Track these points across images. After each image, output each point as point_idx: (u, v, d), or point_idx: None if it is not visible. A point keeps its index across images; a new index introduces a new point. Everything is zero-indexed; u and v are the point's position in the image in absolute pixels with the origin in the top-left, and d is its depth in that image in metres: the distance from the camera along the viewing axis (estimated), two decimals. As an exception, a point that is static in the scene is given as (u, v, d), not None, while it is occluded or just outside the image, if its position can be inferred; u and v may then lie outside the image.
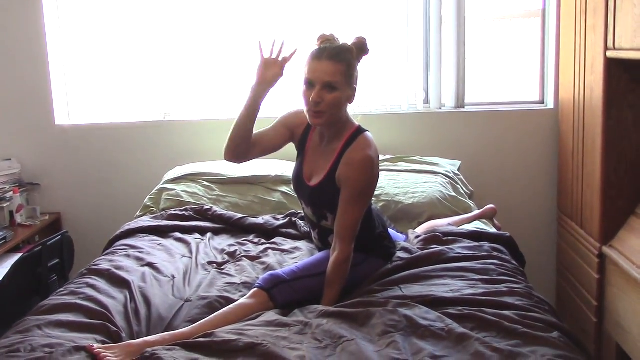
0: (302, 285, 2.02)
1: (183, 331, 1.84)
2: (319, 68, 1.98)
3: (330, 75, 1.97)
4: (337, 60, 1.98)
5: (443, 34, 3.44)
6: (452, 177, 3.10)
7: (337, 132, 2.10)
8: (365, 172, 2.02)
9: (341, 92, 2.00)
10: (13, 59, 3.49)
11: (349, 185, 2.02)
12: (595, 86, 2.81)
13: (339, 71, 1.98)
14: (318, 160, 2.16)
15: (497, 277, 2.02)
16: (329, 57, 1.97)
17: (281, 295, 1.96)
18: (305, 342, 1.65)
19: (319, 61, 1.98)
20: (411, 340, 1.63)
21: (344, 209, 2.03)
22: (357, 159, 2.03)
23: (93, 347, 1.67)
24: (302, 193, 2.24)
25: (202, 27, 3.50)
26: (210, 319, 1.88)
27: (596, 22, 2.75)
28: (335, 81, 1.98)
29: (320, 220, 2.19)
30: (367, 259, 2.15)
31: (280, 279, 2.00)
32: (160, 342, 1.76)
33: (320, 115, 2.02)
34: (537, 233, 3.55)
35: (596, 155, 2.82)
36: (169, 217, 2.81)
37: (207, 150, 3.48)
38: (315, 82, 1.99)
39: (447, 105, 3.54)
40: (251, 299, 1.95)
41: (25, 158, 3.56)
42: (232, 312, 1.90)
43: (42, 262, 2.77)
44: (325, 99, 1.98)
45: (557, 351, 1.55)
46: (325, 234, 2.20)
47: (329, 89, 1.98)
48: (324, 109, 2.00)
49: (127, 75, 3.57)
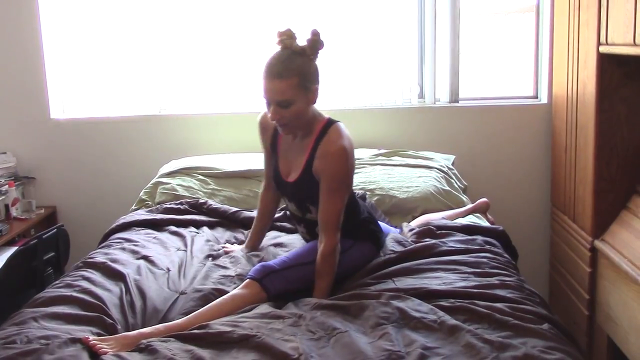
0: (293, 274, 2.05)
1: (178, 322, 1.86)
2: (270, 88, 1.97)
3: (281, 94, 1.97)
4: (286, 77, 1.96)
5: (437, 29, 3.45)
6: (446, 172, 3.12)
7: (308, 129, 2.11)
8: (341, 163, 2.03)
9: (297, 104, 2.00)
10: (8, 53, 3.48)
11: (326, 177, 2.04)
12: (588, 81, 2.83)
13: (289, 87, 1.97)
14: (292, 156, 2.17)
15: (490, 270, 2.03)
16: (277, 75, 1.96)
17: (272, 284, 1.98)
18: (299, 334, 1.67)
19: (269, 80, 1.98)
20: (404, 331, 1.65)
21: (325, 200, 2.05)
22: (331, 151, 2.04)
23: (88, 339, 1.69)
24: (283, 190, 2.27)
25: (197, 22, 3.50)
26: (204, 311, 1.90)
27: (589, 17, 2.77)
28: (287, 98, 1.97)
29: (305, 213, 2.21)
30: (354, 244, 2.18)
31: (271, 268, 2.02)
32: (155, 334, 1.78)
33: (286, 128, 2.06)
34: (530, 227, 3.57)
35: (589, 150, 2.85)
36: (164, 210, 2.82)
37: (203, 144, 3.49)
38: (269, 101, 2.00)
39: (441, 99, 3.55)
40: (244, 289, 1.97)
41: (20, 152, 3.56)
42: (225, 303, 1.92)
43: (37, 256, 2.78)
44: (283, 114, 2.00)
45: (548, 342, 1.57)
46: (312, 226, 2.21)
47: (284, 106, 1.99)
48: (286, 122, 2.03)
49: (122, 69, 3.57)
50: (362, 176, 3.03)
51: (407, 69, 3.53)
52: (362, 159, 3.21)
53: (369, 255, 2.22)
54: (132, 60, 3.55)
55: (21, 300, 2.69)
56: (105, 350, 1.67)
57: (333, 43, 3.48)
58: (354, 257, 2.17)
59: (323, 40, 2.03)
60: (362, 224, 2.24)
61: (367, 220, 2.27)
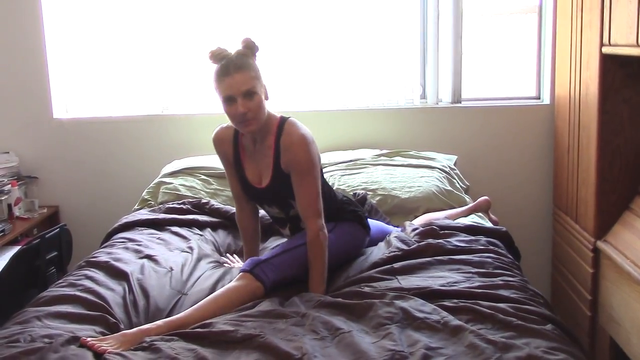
0: (282, 260, 2.09)
1: (178, 317, 1.86)
2: (233, 82, 2.04)
3: (246, 84, 2.05)
4: (244, 69, 2.06)
5: (440, 29, 3.45)
6: (448, 172, 3.12)
7: (266, 129, 2.17)
8: (304, 149, 2.11)
9: (259, 94, 2.09)
10: (11, 52, 3.49)
11: (295, 166, 2.11)
12: (590, 82, 2.83)
13: (250, 77, 2.06)
14: (258, 161, 2.22)
15: (493, 270, 2.04)
16: (236, 68, 2.05)
17: (264, 272, 2.02)
18: (303, 334, 1.67)
19: (230, 76, 2.05)
20: (407, 332, 1.65)
21: (300, 189, 2.12)
22: (293, 141, 2.12)
23: (86, 340, 1.68)
24: (258, 197, 2.30)
25: (200, 21, 3.50)
26: (202, 304, 1.91)
27: (592, 18, 2.77)
28: (251, 87, 2.05)
29: (288, 211, 2.26)
30: (336, 225, 2.24)
31: (259, 260, 2.08)
32: (154, 330, 1.79)
33: (251, 122, 2.10)
34: (533, 227, 3.57)
35: (591, 151, 2.85)
36: (167, 210, 2.82)
37: (205, 144, 3.44)
38: (235, 95, 2.05)
39: (443, 100, 3.55)
40: (237, 281, 2.00)
41: (23, 151, 3.57)
42: (221, 295, 1.95)
43: (40, 255, 2.78)
44: (249, 106, 2.06)
45: (551, 343, 1.57)
46: (296, 223, 2.27)
47: (249, 96, 2.06)
48: (252, 115, 2.08)
49: (125, 69, 3.57)
50: (364, 176, 3.03)
51: (410, 69, 3.53)
52: (364, 159, 3.22)
53: (357, 233, 2.28)
54: (134, 60, 3.55)
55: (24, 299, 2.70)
56: (105, 349, 1.66)
57: (336, 43, 3.51)
58: (340, 237, 2.23)
59: (258, 45, 2.15)
60: (340, 206, 2.31)
61: (345, 202, 2.34)
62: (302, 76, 3.55)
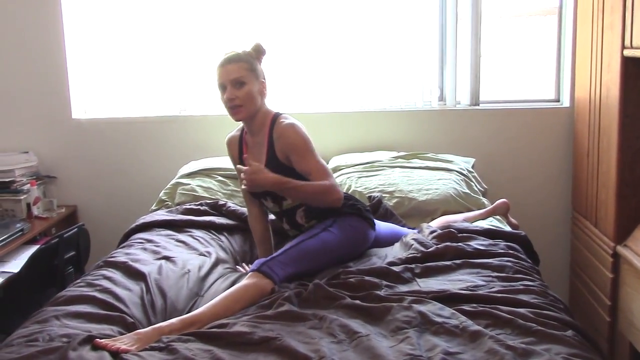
0: (288, 256, 2.14)
1: (191, 315, 1.88)
2: (224, 71, 2.26)
3: (235, 73, 2.24)
4: (237, 60, 2.26)
5: (459, 31, 3.43)
6: (466, 175, 3.10)
7: (261, 123, 2.34)
8: (296, 132, 2.27)
9: (250, 85, 2.26)
10: (31, 53, 3.52)
11: (291, 148, 2.26)
12: (611, 85, 2.80)
13: (242, 68, 2.25)
14: (255, 154, 2.36)
15: (513, 274, 2.02)
16: (229, 61, 2.27)
17: (271, 269, 2.05)
18: (320, 337, 1.66)
19: (223, 67, 2.27)
20: (425, 336, 1.64)
21: (304, 165, 2.25)
22: (284, 129, 2.28)
23: (100, 342, 1.68)
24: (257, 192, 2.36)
25: (218, 23, 3.51)
26: (213, 302, 1.93)
27: (613, 20, 2.74)
28: (241, 76, 2.24)
29: (281, 202, 2.35)
30: (335, 220, 2.30)
31: (266, 259, 2.11)
32: (168, 327, 1.79)
33: (239, 110, 2.27)
34: (551, 231, 3.54)
35: (612, 154, 2.81)
36: (184, 211, 2.83)
37: (222, 145, 3.42)
38: (225, 83, 2.26)
39: (462, 102, 3.53)
40: (248, 279, 2.02)
41: (42, 151, 3.60)
42: (232, 293, 1.97)
43: (58, 254, 2.81)
44: (237, 94, 2.24)
45: (572, 349, 1.55)
46: (292, 215, 2.38)
47: (239, 85, 2.25)
48: (240, 102, 2.25)
49: (144, 70, 3.59)
50: (382, 178, 3.02)
51: (428, 71, 3.51)
52: (382, 161, 3.20)
53: (358, 225, 2.32)
54: (153, 61, 3.57)
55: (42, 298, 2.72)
56: (118, 347, 1.66)
57: (354, 45, 3.50)
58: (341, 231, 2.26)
59: (265, 49, 2.36)
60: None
61: (345, 197, 2.36)
62: (320, 78, 3.54)
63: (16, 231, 3.02)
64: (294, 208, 2.35)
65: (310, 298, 1.92)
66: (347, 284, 1.98)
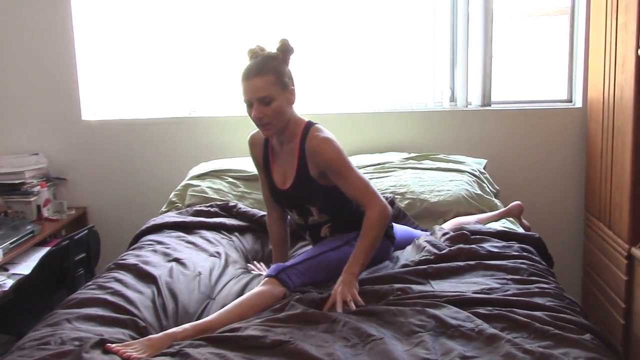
0: (307, 266, 2.08)
1: (204, 321, 1.85)
2: (250, 87, 2.07)
3: (261, 91, 2.06)
4: (264, 74, 2.07)
5: (470, 32, 3.41)
6: (478, 176, 3.07)
7: (291, 132, 2.18)
8: (331, 147, 2.11)
9: (278, 101, 2.09)
10: (41, 55, 3.52)
11: (329, 166, 2.11)
12: (626, 85, 2.76)
13: (267, 83, 2.06)
14: (283, 164, 2.24)
15: (528, 277, 1.99)
16: (255, 73, 2.07)
17: (289, 277, 2.01)
18: (333, 341, 1.64)
19: (248, 81, 2.08)
20: (440, 340, 1.61)
21: (344, 184, 2.11)
22: (318, 144, 2.12)
23: (111, 347, 1.67)
24: (282, 200, 2.30)
25: (228, 24, 3.50)
26: (227, 308, 1.90)
27: (628, 20, 2.70)
28: (267, 95, 2.06)
29: (307, 218, 2.25)
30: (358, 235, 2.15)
31: (284, 266, 2.07)
32: (181, 334, 1.77)
33: (268, 128, 2.12)
34: (563, 233, 3.50)
35: (626, 155, 2.78)
36: (195, 213, 2.82)
37: (232, 146, 3.48)
38: (251, 100, 2.08)
39: (473, 103, 3.50)
40: (263, 286, 1.99)
41: (52, 153, 3.60)
42: (247, 299, 1.94)
43: (69, 256, 2.80)
44: (265, 112, 2.08)
45: (590, 354, 1.52)
46: (316, 231, 2.28)
47: (265, 103, 2.07)
48: (268, 120, 2.09)
49: (154, 71, 3.58)
50: (393, 180, 2.99)
51: (439, 72, 3.49)
52: (393, 162, 3.18)
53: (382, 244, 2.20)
54: (163, 62, 3.56)
55: (52, 300, 2.72)
56: (130, 354, 1.65)
57: (365, 46, 3.48)
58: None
59: (293, 46, 2.16)
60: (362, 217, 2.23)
61: None
62: (330, 79, 3.53)
63: (27, 233, 3.02)
64: (319, 224, 2.26)
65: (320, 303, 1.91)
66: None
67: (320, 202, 2.20)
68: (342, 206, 2.21)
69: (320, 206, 2.21)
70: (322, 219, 2.24)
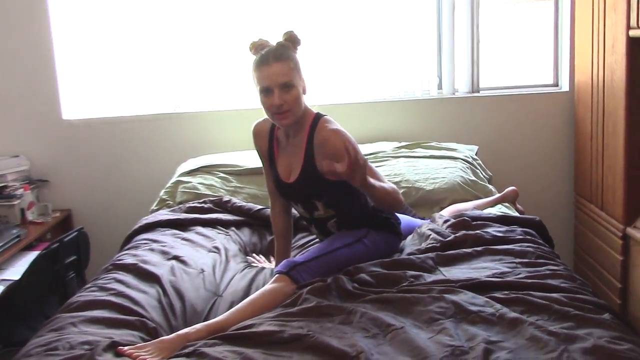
0: (319, 264, 2.02)
1: (217, 320, 1.80)
2: (271, 72, 2.00)
3: (284, 75, 2.01)
4: (284, 59, 2.02)
5: (456, 19, 3.40)
6: (471, 162, 3.07)
7: (300, 124, 2.12)
8: (340, 138, 2.02)
9: (297, 87, 2.04)
10: (18, 53, 3.41)
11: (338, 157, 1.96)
12: (616, 67, 2.78)
13: (289, 68, 2.02)
14: (289, 157, 2.17)
15: (536, 259, 1.98)
16: (275, 59, 2.01)
17: (300, 275, 1.95)
18: (353, 332, 1.60)
19: (268, 66, 2.01)
20: (462, 326, 1.59)
21: None
22: (327, 136, 2.05)
23: (124, 350, 1.61)
24: (287, 194, 2.24)
25: (210, 19, 3.44)
26: (239, 307, 1.85)
27: (617, 1, 2.72)
28: (289, 80, 2.02)
29: (312, 212, 2.20)
30: (369, 231, 2.15)
31: (295, 262, 2.00)
32: (194, 334, 1.71)
33: (287, 116, 2.05)
34: (554, 216, 3.52)
35: (618, 137, 2.80)
36: (188, 209, 2.76)
37: (219, 141, 3.42)
38: (272, 86, 2.01)
39: (460, 90, 3.50)
40: (274, 283, 1.94)
41: (33, 154, 3.49)
42: (259, 297, 1.88)
43: (59, 260, 2.72)
44: (286, 99, 2.02)
45: (613, 332, 1.51)
46: (323, 224, 2.21)
47: (287, 89, 2.01)
48: (288, 107, 2.03)
49: (135, 67, 3.50)
50: (387, 169, 2.97)
51: (426, 60, 3.48)
52: (385, 152, 3.16)
53: (390, 242, 2.20)
54: (145, 58, 3.48)
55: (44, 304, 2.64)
56: (144, 357, 1.59)
57: (351, 36, 3.45)
58: (374, 245, 2.13)
59: (300, 38, 2.11)
60: (372, 214, 2.21)
61: (378, 209, 2.22)
62: (316, 70, 3.48)
63: (12, 237, 2.93)
64: (324, 219, 2.19)
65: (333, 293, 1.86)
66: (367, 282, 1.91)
67: (326, 197, 2.14)
68: (350, 202, 2.16)
69: (326, 201, 2.15)
70: (328, 214, 2.18)
